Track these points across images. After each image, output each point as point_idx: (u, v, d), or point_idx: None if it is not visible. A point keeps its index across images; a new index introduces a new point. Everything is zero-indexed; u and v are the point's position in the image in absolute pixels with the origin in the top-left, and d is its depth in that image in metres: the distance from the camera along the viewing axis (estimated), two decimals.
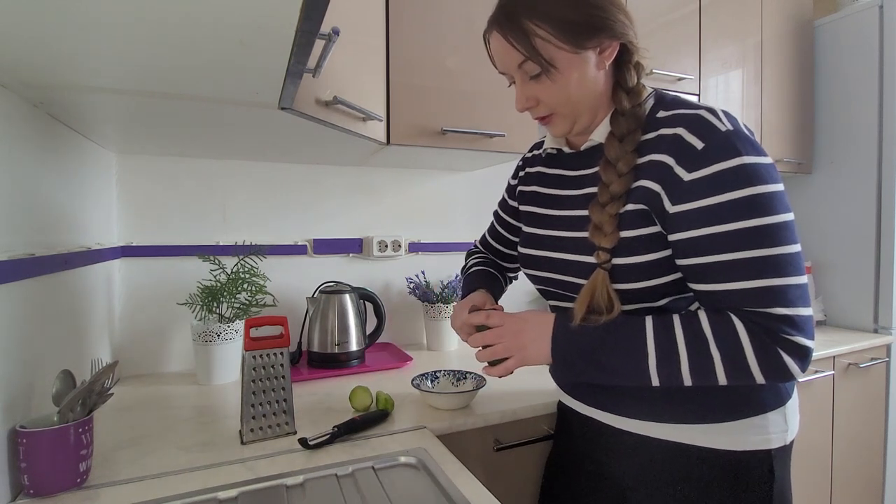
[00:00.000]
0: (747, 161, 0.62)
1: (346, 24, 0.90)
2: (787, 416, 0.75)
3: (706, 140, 0.64)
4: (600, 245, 0.71)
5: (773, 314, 0.62)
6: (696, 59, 1.69)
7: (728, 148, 0.63)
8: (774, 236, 0.62)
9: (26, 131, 0.80)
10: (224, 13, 0.52)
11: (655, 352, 0.66)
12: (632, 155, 0.70)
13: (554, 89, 0.72)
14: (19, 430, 0.70)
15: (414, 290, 1.54)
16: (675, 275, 0.70)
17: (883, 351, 1.73)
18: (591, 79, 0.72)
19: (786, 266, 0.62)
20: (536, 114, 0.77)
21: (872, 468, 1.75)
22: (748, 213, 0.62)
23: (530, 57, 0.70)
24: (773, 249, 0.62)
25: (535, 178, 0.90)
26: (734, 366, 0.63)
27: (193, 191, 1.35)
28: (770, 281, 0.62)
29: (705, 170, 0.64)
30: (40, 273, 0.82)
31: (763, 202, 0.62)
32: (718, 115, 0.66)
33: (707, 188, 0.63)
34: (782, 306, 0.62)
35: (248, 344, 0.87)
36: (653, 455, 0.77)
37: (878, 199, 1.80)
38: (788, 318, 0.62)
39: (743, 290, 0.63)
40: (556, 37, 0.69)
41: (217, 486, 0.72)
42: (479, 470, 0.96)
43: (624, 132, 0.71)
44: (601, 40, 0.70)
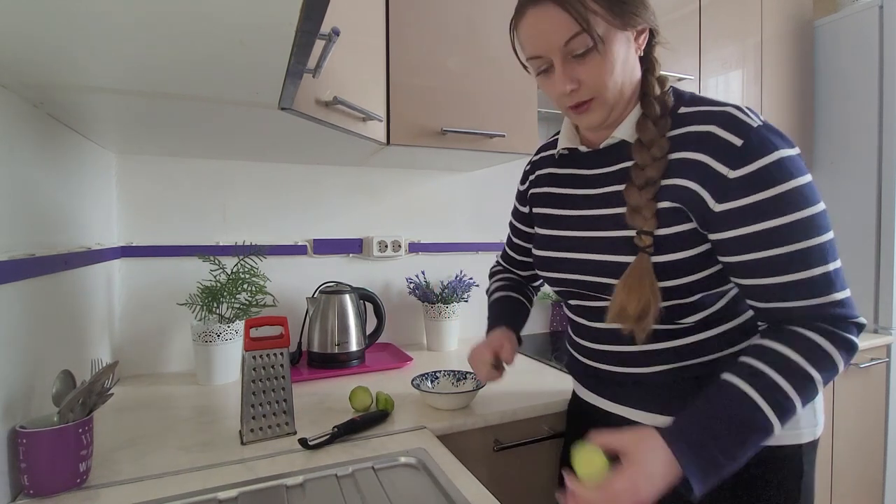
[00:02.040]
0: (784, 155, 0.64)
1: (346, 24, 0.90)
2: (817, 411, 0.75)
3: (743, 136, 0.65)
4: (641, 228, 0.69)
5: (833, 301, 0.64)
6: (696, 59, 1.69)
7: (766, 143, 0.64)
8: (817, 226, 0.63)
9: (26, 131, 0.80)
10: (224, 13, 0.52)
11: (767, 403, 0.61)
12: (665, 140, 0.70)
13: (600, 68, 0.69)
14: (19, 431, 0.70)
15: (414, 290, 1.54)
16: (709, 271, 0.70)
17: (883, 351, 1.73)
18: (631, 62, 0.72)
19: (830, 252, 0.64)
20: (577, 98, 0.72)
21: (872, 468, 1.75)
22: (793, 206, 0.63)
23: (585, 29, 0.66)
24: (818, 239, 0.63)
25: (547, 179, 0.88)
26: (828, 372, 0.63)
27: (193, 191, 1.35)
28: (821, 269, 0.63)
29: (749, 166, 0.64)
30: (40, 273, 0.82)
31: (804, 194, 0.63)
32: (745, 111, 0.67)
33: (752, 185, 0.64)
34: (837, 291, 0.64)
35: (248, 344, 0.87)
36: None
37: (878, 199, 1.80)
38: (844, 302, 0.64)
39: (797, 281, 0.64)
40: (607, 11, 0.67)
41: (217, 487, 0.72)
42: (479, 470, 0.96)
43: (657, 115, 0.71)
44: (641, 22, 0.71)
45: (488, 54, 1.30)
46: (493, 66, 1.30)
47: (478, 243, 1.71)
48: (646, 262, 0.69)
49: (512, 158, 1.42)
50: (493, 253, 1.73)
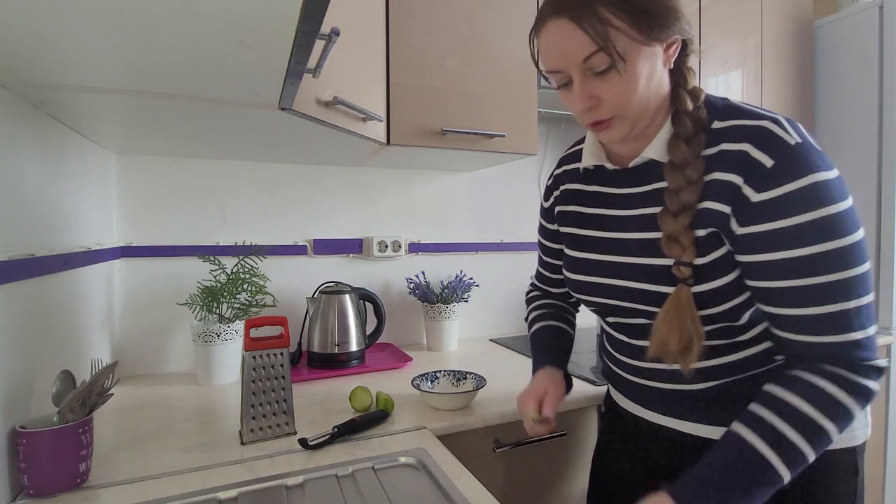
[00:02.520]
0: (819, 179, 0.59)
1: (346, 24, 0.90)
2: (867, 412, 0.75)
3: (776, 157, 0.60)
4: (680, 259, 0.66)
5: (852, 341, 0.60)
6: (696, 59, 1.69)
7: (800, 164, 0.59)
8: (846, 259, 0.59)
9: (26, 131, 0.80)
10: (224, 13, 0.51)
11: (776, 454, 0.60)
12: (700, 160, 0.65)
13: (621, 86, 0.64)
14: (19, 431, 0.70)
15: (414, 290, 1.54)
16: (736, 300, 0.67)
17: (883, 351, 1.73)
18: (657, 77, 0.66)
19: (856, 288, 0.60)
20: (596, 116, 0.68)
21: (872, 468, 1.75)
22: (820, 236, 0.59)
23: (603, 48, 0.62)
24: (844, 273, 0.59)
25: (574, 196, 0.84)
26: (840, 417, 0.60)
27: (193, 191, 1.35)
28: (843, 305, 0.60)
29: (775, 190, 0.60)
30: (40, 273, 0.82)
31: (835, 224, 0.59)
32: (784, 125, 0.62)
33: (777, 210, 0.60)
34: (857, 330, 0.60)
35: (248, 344, 0.87)
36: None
37: (878, 199, 1.80)
38: (863, 343, 0.61)
39: (815, 315, 0.61)
40: (631, 26, 0.62)
41: (217, 487, 0.72)
42: (479, 470, 0.96)
43: (690, 134, 0.66)
44: (671, 34, 0.65)
45: (488, 54, 1.30)
46: (493, 66, 1.30)
47: (478, 243, 1.71)
48: (685, 296, 0.65)
49: (512, 158, 1.42)
50: (492, 253, 1.73)
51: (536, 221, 1.85)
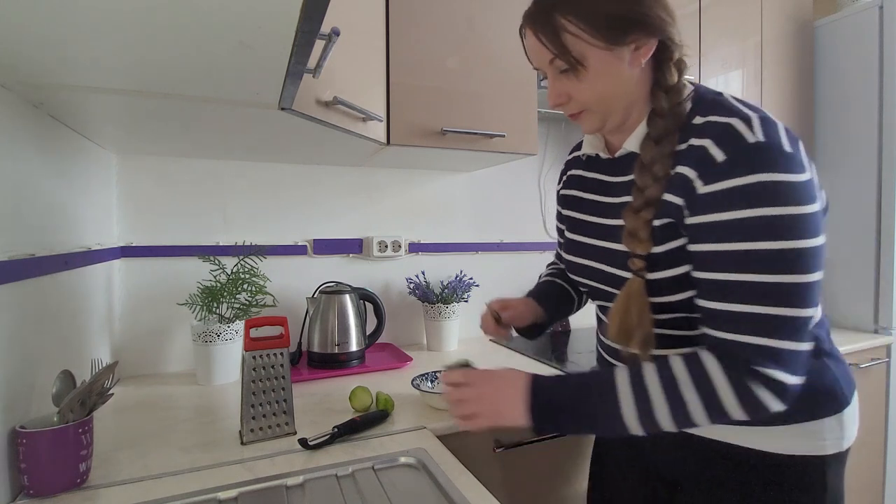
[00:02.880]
0: (768, 178, 0.58)
1: (346, 24, 0.90)
2: (844, 423, 0.72)
3: (729, 152, 0.61)
4: (634, 252, 0.68)
5: (747, 343, 0.60)
6: (696, 60, 1.69)
7: (751, 162, 0.59)
8: (780, 263, 0.58)
9: (26, 132, 0.80)
10: (224, 13, 0.52)
11: (634, 401, 0.64)
12: (669, 158, 0.66)
13: (584, 87, 0.69)
14: (19, 431, 0.70)
15: (414, 290, 1.54)
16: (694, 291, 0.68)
17: (883, 351, 1.73)
18: (624, 77, 0.69)
19: (783, 295, 0.59)
20: (567, 110, 0.74)
21: (872, 468, 1.75)
22: (756, 234, 0.59)
23: (558, 54, 0.67)
24: (773, 276, 0.59)
25: (576, 181, 0.87)
26: (710, 406, 0.61)
27: (193, 191, 1.35)
28: (757, 308, 0.59)
29: (719, 184, 0.61)
30: (40, 273, 0.82)
31: (776, 225, 0.58)
32: (752, 123, 0.61)
33: (717, 203, 0.61)
34: (762, 336, 0.59)
35: (248, 344, 0.87)
36: (702, 454, 0.75)
37: (878, 199, 1.80)
38: (765, 350, 0.59)
39: (730, 311, 0.61)
40: (588, 32, 0.66)
41: (217, 487, 0.72)
42: (479, 470, 0.96)
43: (661, 133, 0.68)
44: (637, 37, 0.67)
45: (488, 54, 1.30)
46: (493, 66, 1.30)
47: (478, 243, 1.71)
48: (636, 286, 0.68)
49: (512, 158, 1.42)
50: (492, 253, 1.73)
51: (536, 221, 1.86)
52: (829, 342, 0.76)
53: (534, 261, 1.79)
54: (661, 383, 0.63)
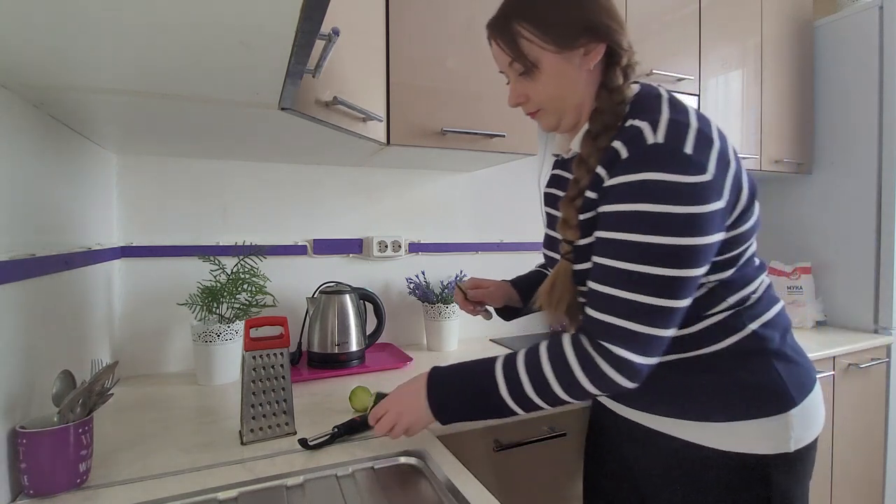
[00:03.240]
0: (650, 177, 0.64)
1: (346, 24, 0.90)
2: (792, 423, 0.73)
3: (630, 151, 0.67)
4: (565, 237, 0.75)
5: (599, 319, 0.67)
6: (696, 60, 1.69)
7: (642, 161, 0.65)
8: (643, 254, 0.64)
9: (27, 132, 0.80)
10: (224, 14, 0.52)
11: (504, 381, 0.72)
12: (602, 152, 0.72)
13: (539, 88, 0.77)
14: (19, 431, 0.70)
15: (414, 290, 1.54)
16: None
17: (883, 351, 1.73)
18: (574, 78, 0.75)
19: (640, 284, 0.64)
20: (526, 109, 0.82)
21: (872, 468, 1.75)
22: (628, 226, 0.65)
23: (514, 58, 0.75)
24: (634, 266, 0.65)
25: (554, 180, 0.93)
26: (565, 378, 0.68)
27: (193, 191, 1.35)
28: (613, 290, 0.66)
29: (617, 178, 0.67)
30: (41, 273, 0.82)
31: (647, 220, 0.64)
32: (658, 126, 0.67)
33: (612, 196, 0.67)
34: (611, 315, 0.66)
35: (248, 344, 0.87)
36: (656, 446, 0.80)
37: (878, 199, 1.80)
38: (613, 328, 0.66)
39: (594, 291, 0.69)
40: (541, 38, 0.73)
41: (217, 487, 0.72)
42: (479, 470, 0.96)
43: (600, 129, 0.73)
44: (586, 42, 0.73)
45: (488, 54, 1.28)
46: (492, 65, 1.28)
47: (478, 243, 1.71)
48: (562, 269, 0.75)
49: (512, 158, 1.42)
50: (492, 253, 1.73)
51: (536, 221, 1.86)
52: (781, 342, 0.77)
53: (534, 261, 1.77)
54: (526, 363, 0.71)
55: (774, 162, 1.89)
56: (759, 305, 0.77)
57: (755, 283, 0.77)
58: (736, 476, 0.73)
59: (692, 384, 0.75)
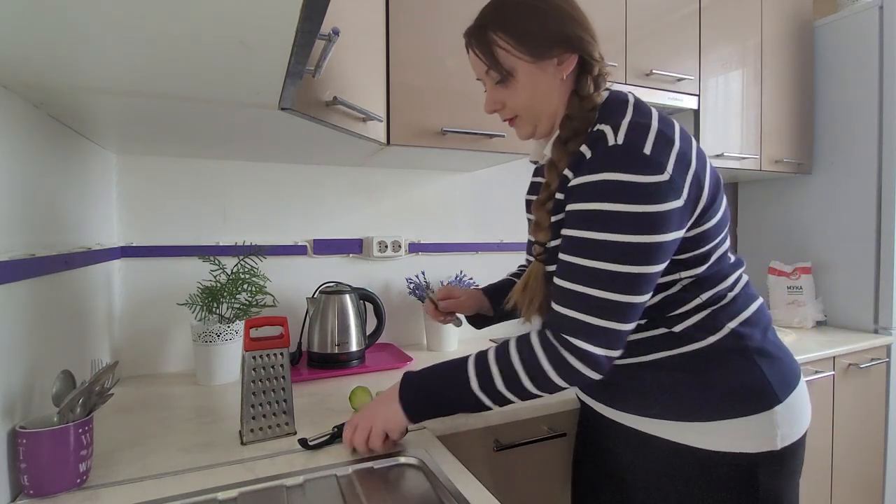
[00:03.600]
0: (609, 177, 0.66)
1: (346, 24, 0.90)
2: (777, 421, 0.73)
3: (593, 153, 0.70)
4: (536, 239, 0.78)
5: (561, 314, 0.69)
6: (696, 60, 1.69)
7: (604, 162, 0.68)
8: (601, 251, 0.66)
9: (27, 132, 0.80)
10: (224, 14, 0.52)
11: (475, 375, 0.74)
12: (572, 157, 0.74)
13: (515, 95, 0.79)
14: (19, 431, 0.70)
15: (414, 290, 1.54)
16: None
17: (883, 351, 1.73)
18: (548, 87, 0.78)
19: (600, 279, 0.67)
20: (502, 116, 0.84)
21: (873, 468, 1.75)
22: (587, 224, 0.68)
23: (491, 66, 0.78)
24: (593, 262, 0.67)
25: (533, 187, 0.96)
26: (533, 371, 0.70)
27: (193, 191, 1.35)
28: (575, 286, 0.68)
29: (580, 178, 0.69)
30: (41, 273, 0.82)
31: (602, 218, 0.66)
32: (619, 129, 0.69)
33: (574, 195, 0.70)
34: (574, 310, 0.68)
35: (248, 344, 0.87)
36: (652, 451, 0.79)
37: (878, 199, 1.80)
38: (576, 322, 0.68)
39: (557, 287, 0.71)
40: (515, 47, 0.75)
41: (217, 487, 0.72)
42: (479, 470, 0.96)
43: (570, 134, 0.76)
44: (561, 52, 0.76)
45: None
46: None
47: (478, 243, 1.71)
48: (535, 270, 0.78)
49: (512, 158, 1.42)
50: (492, 253, 1.73)
51: None
52: (763, 339, 0.77)
53: None
54: (496, 357, 0.73)
55: (774, 162, 1.89)
56: (736, 303, 0.78)
57: (730, 279, 0.78)
58: (724, 475, 0.73)
59: (675, 384, 0.76)
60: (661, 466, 0.78)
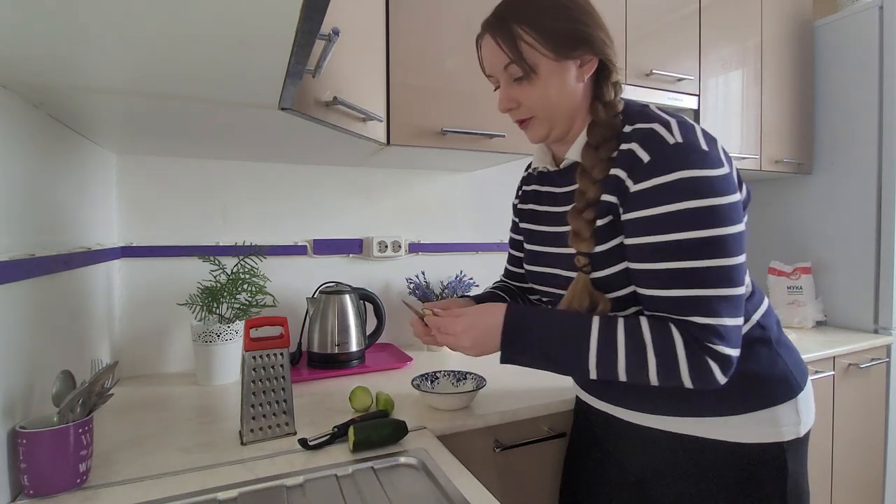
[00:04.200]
0: (687, 175, 0.65)
1: (346, 24, 0.90)
2: (800, 409, 0.76)
3: (652, 153, 0.67)
4: (579, 250, 0.74)
5: (698, 323, 0.66)
6: (696, 60, 1.69)
7: (671, 161, 0.66)
8: (706, 249, 0.65)
9: (27, 132, 0.80)
10: (224, 14, 0.52)
11: (597, 349, 0.69)
12: (607, 163, 0.72)
13: (534, 94, 0.76)
14: (19, 431, 0.70)
15: (414, 290, 1.54)
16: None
17: (883, 351, 1.73)
18: (569, 89, 0.76)
19: (715, 278, 0.65)
20: (516, 116, 0.80)
21: (873, 468, 1.75)
22: (682, 225, 0.65)
23: (514, 60, 0.74)
24: (702, 262, 0.65)
25: (532, 196, 0.93)
26: (666, 370, 0.67)
27: (193, 191, 1.35)
28: (694, 291, 0.66)
29: (648, 182, 0.67)
30: (41, 273, 0.82)
31: (699, 215, 0.64)
32: (671, 127, 0.68)
33: (648, 199, 0.67)
34: (706, 316, 0.65)
35: (248, 344, 0.87)
36: (668, 448, 0.78)
37: (878, 199, 1.80)
38: (712, 328, 0.65)
39: (670, 297, 0.67)
40: (541, 44, 0.73)
41: (217, 487, 0.72)
42: (479, 470, 0.96)
43: (600, 140, 0.74)
44: (583, 53, 0.74)
45: None
46: None
47: (478, 243, 1.71)
48: (581, 282, 0.75)
49: (512, 158, 1.42)
50: (493, 253, 1.73)
51: None
52: (779, 331, 0.81)
53: None
54: (627, 344, 0.69)
55: (774, 162, 1.89)
56: (755, 296, 0.80)
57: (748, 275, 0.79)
58: (758, 466, 0.74)
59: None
60: (690, 464, 0.77)
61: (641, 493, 0.83)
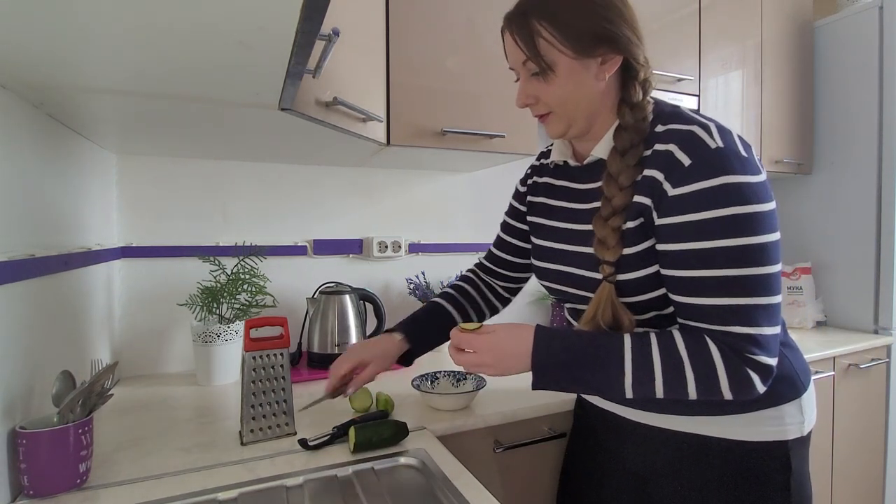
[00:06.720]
0: (730, 180, 0.63)
1: (346, 24, 0.90)
2: (804, 408, 0.76)
3: (693, 157, 0.65)
4: (604, 259, 0.72)
5: (737, 333, 0.64)
6: (696, 60, 1.69)
7: (713, 165, 0.64)
8: (747, 257, 0.63)
9: (26, 132, 0.80)
10: (224, 14, 0.51)
11: (632, 370, 0.67)
12: (633, 169, 0.70)
13: (552, 91, 0.74)
14: (19, 431, 0.70)
15: (414, 290, 1.54)
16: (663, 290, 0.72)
17: (883, 351, 1.73)
18: (588, 87, 0.73)
19: (755, 286, 0.64)
20: (535, 111, 0.79)
21: (873, 469, 1.75)
22: (724, 232, 0.63)
23: (531, 57, 0.72)
24: (743, 270, 0.63)
25: (544, 189, 0.91)
26: (706, 385, 0.65)
27: (193, 191, 1.35)
28: (735, 300, 0.64)
29: (688, 186, 0.65)
30: (41, 274, 0.82)
31: (741, 222, 0.63)
32: (711, 131, 0.67)
33: (688, 205, 0.65)
34: (745, 325, 0.64)
35: (247, 345, 0.87)
36: (671, 446, 0.78)
37: (878, 199, 1.80)
38: (752, 338, 0.64)
39: (709, 305, 0.66)
40: (559, 40, 0.70)
41: (217, 487, 0.72)
42: (479, 471, 0.96)
43: (626, 146, 0.72)
44: (604, 51, 0.71)
45: (488, 54, 1.29)
46: (493, 66, 1.30)
47: (478, 243, 1.71)
48: (606, 292, 0.72)
49: (512, 159, 1.42)
50: None
51: None
52: (785, 333, 0.80)
53: None
54: (663, 363, 0.67)
55: (774, 162, 1.89)
56: None
57: None
58: (762, 465, 0.74)
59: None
60: (693, 463, 0.76)
61: (643, 492, 0.83)
